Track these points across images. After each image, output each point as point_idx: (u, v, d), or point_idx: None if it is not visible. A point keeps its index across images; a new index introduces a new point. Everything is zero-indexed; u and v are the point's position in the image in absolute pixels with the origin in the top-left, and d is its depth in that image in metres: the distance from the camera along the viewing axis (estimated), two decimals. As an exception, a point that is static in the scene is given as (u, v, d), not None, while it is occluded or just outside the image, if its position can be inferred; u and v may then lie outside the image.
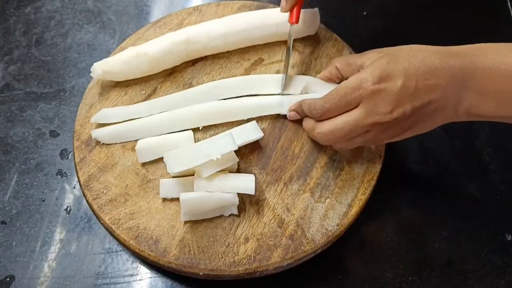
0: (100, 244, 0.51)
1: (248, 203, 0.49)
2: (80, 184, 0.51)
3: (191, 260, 0.45)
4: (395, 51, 0.45)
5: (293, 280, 0.49)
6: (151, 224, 0.48)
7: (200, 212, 0.47)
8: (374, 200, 0.51)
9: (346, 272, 0.50)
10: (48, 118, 0.60)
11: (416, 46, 0.45)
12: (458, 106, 0.43)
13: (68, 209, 0.54)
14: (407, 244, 0.51)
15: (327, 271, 0.50)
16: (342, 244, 0.49)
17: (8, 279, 0.49)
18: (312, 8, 0.59)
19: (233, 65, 0.59)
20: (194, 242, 0.47)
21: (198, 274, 0.45)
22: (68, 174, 0.56)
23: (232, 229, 0.47)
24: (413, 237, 0.52)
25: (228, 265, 0.45)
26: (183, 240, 0.47)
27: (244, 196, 0.49)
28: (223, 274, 0.45)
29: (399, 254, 0.51)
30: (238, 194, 0.47)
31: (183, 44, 0.56)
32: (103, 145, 0.53)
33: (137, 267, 0.50)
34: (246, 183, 0.47)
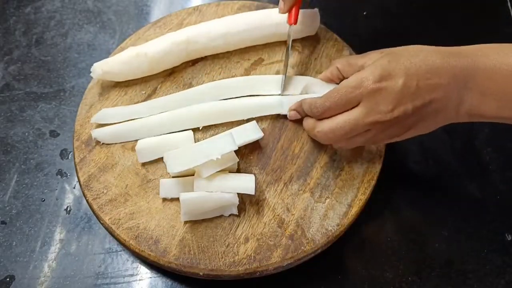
0: (100, 244, 0.51)
1: (248, 203, 0.49)
2: (80, 184, 0.51)
3: (191, 260, 0.45)
4: (396, 51, 0.45)
5: (293, 280, 0.49)
6: (151, 224, 0.48)
7: (200, 212, 0.47)
8: (374, 200, 0.51)
9: (346, 272, 0.50)
10: (48, 118, 0.60)
11: (417, 46, 0.45)
12: (459, 106, 0.43)
13: (68, 209, 0.54)
14: (407, 244, 0.51)
15: (327, 271, 0.50)
16: (342, 244, 0.49)
17: (8, 279, 0.49)
18: (312, 8, 0.59)
19: (233, 65, 0.59)
20: (194, 242, 0.47)
21: (198, 274, 0.45)
22: (68, 174, 0.56)
23: (232, 229, 0.47)
24: (413, 237, 0.52)
25: (228, 265, 0.45)
26: (183, 240, 0.47)
27: (244, 196, 0.49)
28: (223, 274, 0.45)
29: (399, 254, 0.51)
30: (238, 194, 0.47)
31: (183, 44, 0.56)
32: (103, 145, 0.53)
33: (137, 267, 0.50)
34: (246, 183, 0.47)
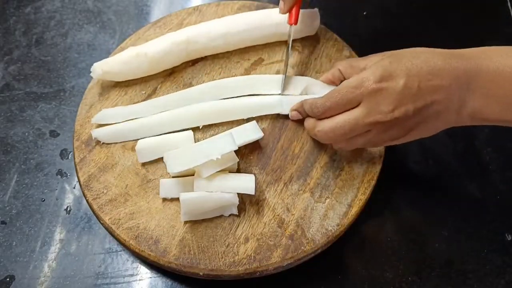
0: (100, 244, 0.51)
1: (248, 203, 0.49)
2: (80, 184, 0.51)
3: (191, 260, 0.45)
4: (398, 53, 0.45)
5: (293, 280, 0.49)
6: (151, 224, 0.48)
7: (200, 212, 0.47)
8: (374, 200, 0.51)
9: (346, 272, 0.50)
10: (48, 118, 0.60)
11: (419, 48, 0.45)
12: (461, 109, 0.43)
13: (68, 209, 0.54)
14: (407, 244, 0.51)
15: (327, 271, 0.50)
16: (342, 244, 0.49)
17: (8, 279, 0.49)
18: (312, 8, 0.59)
19: (233, 65, 0.59)
20: (194, 242, 0.47)
21: (198, 274, 0.45)
22: (68, 174, 0.56)
23: (232, 229, 0.47)
24: (413, 237, 0.52)
25: (228, 265, 0.45)
26: (183, 240, 0.47)
27: (244, 196, 0.49)
28: (223, 274, 0.45)
29: (399, 254, 0.51)
30: (238, 194, 0.47)
31: (183, 44, 0.56)
32: (103, 145, 0.53)
33: (137, 267, 0.50)
34: (246, 183, 0.47)
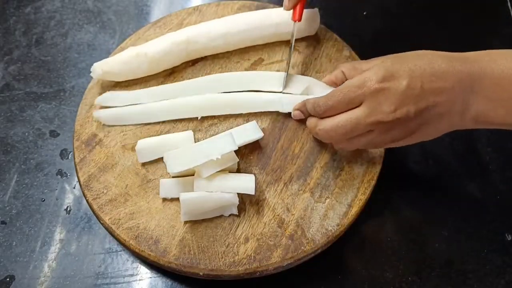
0: (100, 244, 0.51)
1: (248, 203, 0.49)
2: (80, 184, 0.51)
3: (191, 260, 0.45)
4: (402, 55, 0.45)
5: (293, 280, 0.49)
6: (151, 224, 0.48)
7: (200, 212, 0.47)
8: (374, 200, 0.51)
9: (346, 272, 0.50)
10: (48, 118, 0.60)
11: (423, 51, 0.45)
12: (465, 112, 0.43)
13: (68, 209, 0.54)
14: (407, 244, 0.51)
15: (327, 271, 0.50)
16: (342, 244, 0.49)
17: (8, 279, 0.49)
18: (312, 8, 0.59)
19: (233, 65, 0.59)
20: (194, 242, 0.47)
21: (198, 274, 0.45)
22: (68, 174, 0.56)
23: (232, 229, 0.47)
24: (413, 237, 0.52)
25: (228, 265, 0.45)
26: (183, 240, 0.47)
27: (244, 196, 0.49)
28: (223, 274, 0.45)
29: (399, 254, 0.51)
30: (238, 194, 0.47)
31: (183, 44, 0.56)
32: (103, 145, 0.53)
33: (137, 267, 0.50)
34: (246, 183, 0.47)
